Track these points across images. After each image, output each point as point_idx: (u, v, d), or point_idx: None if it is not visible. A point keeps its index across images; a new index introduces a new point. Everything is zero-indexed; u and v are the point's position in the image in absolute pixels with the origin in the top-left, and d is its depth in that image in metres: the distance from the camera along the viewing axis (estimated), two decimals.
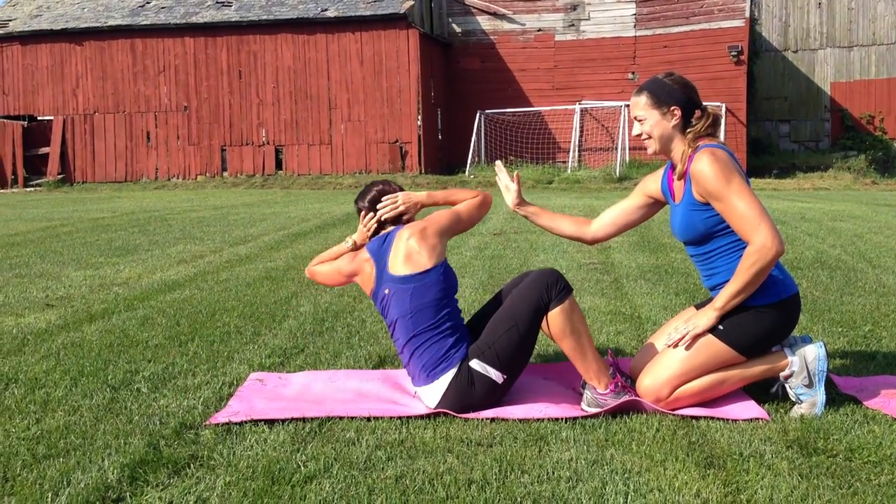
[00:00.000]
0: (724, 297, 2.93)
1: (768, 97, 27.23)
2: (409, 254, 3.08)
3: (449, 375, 2.95)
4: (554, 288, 2.96)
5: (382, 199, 3.30)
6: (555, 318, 2.95)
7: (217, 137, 22.81)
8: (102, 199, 17.32)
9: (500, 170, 3.47)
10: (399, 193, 3.32)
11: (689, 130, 3.03)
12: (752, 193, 2.91)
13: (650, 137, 3.07)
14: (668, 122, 3.03)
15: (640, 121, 3.08)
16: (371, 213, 3.31)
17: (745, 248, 2.98)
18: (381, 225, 3.30)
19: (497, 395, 2.97)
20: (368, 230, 3.32)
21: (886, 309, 4.62)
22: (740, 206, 2.87)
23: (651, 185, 3.26)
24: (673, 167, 3.12)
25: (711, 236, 3.01)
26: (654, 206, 3.29)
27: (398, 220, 3.29)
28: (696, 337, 2.96)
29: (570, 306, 2.95)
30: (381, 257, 3.13)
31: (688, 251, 3.18)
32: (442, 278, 3.06)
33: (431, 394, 2.96)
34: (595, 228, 3.38)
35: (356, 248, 3.38)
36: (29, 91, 23.52)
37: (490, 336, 2.97)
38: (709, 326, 2.95)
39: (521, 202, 3.42)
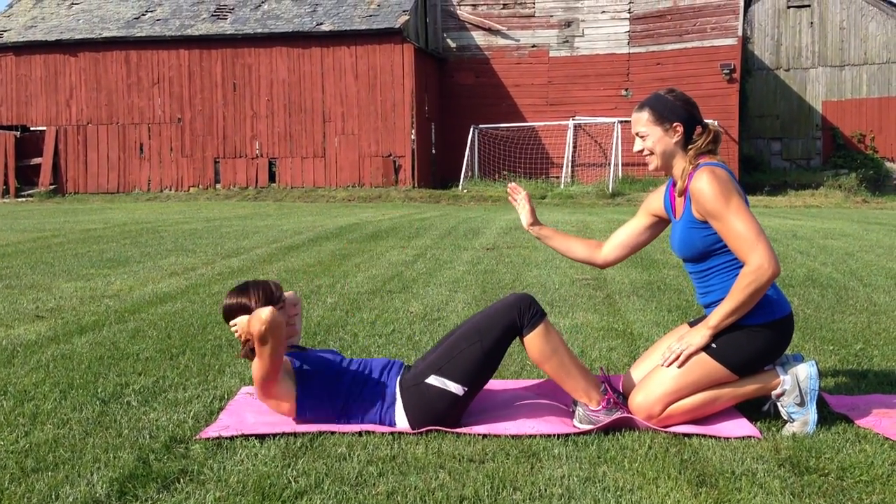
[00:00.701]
0: (718, 316, 2.94)
1: (760, 115, 27.39)
2: (270, 412, 3.03)
3: (399, 409, 2.95)
4: (527, 313, 2.96)
5: (230, 320, 2.97)
6: (531, 342, 2.96)
7: (210, 149, 22.81)
8: (94, 211, 17.28)
9: (516, 191, 3.42)
10: (239, 319, 2.92)
11: (690, 147, 3.04)
12: (751, 214, 2.92)
13: (652, 154, 3.07)
14: (670, 139, 3.04)
15: (641, 137, 3.08)
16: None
17: (738, 270, 2.99)
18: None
19: (460, 408, 2.95)
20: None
21: (878, 328, 4.63)
22: (738, 226, 2.88)
23: (655, 202, 3.27)
24: (674, 183, 3.13)
25: (710, 254, 3.02)
26: (661, 224, 3.29)
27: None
28: (690, 356, 2.96)
29: (544, 330, 2.95)
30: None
31: (685, 267, 3.19)
32: (314, 391, 2.96)
33: (402, 423, 2.96)
34: (606, 252, 3.38)
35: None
36: (22, 101, 23.49)
37: (451, 350, 2.97)
38: (702, 345, 2.95)
39: (535, 222, 3.39)
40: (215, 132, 22.77)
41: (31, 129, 23.64)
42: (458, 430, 2.90)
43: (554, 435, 2.84)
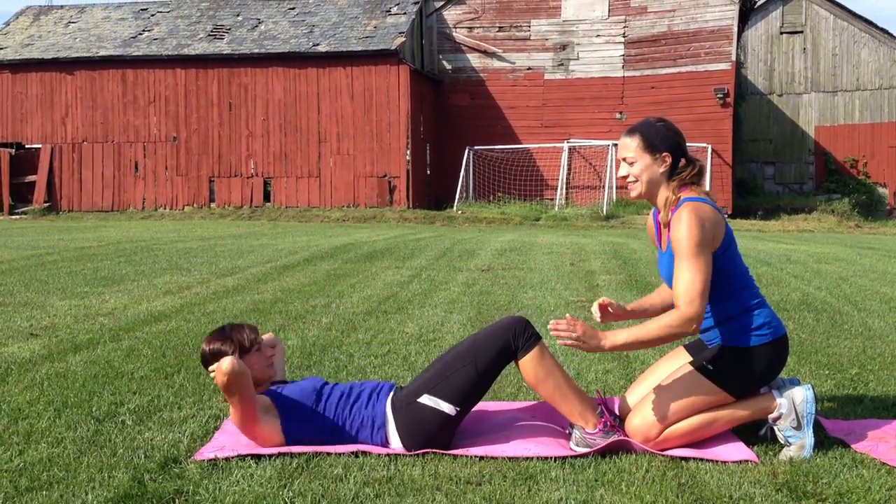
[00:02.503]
0: (624, 338, 2.86)
1: (753, 139, 27.58)
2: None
3: (392, 428, 2.95)
4: (522, 336, 2.97)
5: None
6: (525, 365, 2.96)
7: (205, 168, 22.83)
8: (88, 228, 17.24)
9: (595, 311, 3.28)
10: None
11: (674, 178, 3.05)
12: (708, 269, 2.87)
13: (637, 181, 3.08)
14: (657, 168, 3.05)
15: (629, 163, 3.08)
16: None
17: (731, 296, 3.00)
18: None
19: (451, 429, 2.95)
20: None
21: (873, 352, 4.64)
22: (691, 275, 2.85)
23: (652, 232, 3.26)
24: (658, 212, 3.14)
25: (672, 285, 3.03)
26: None
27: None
28: (576, 339, 2.84)
29: (539, 353, 2.96)
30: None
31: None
32: (293, 428, 2.97)
33: (395, 444, 2.95)
34: (664, 294, 3.31)
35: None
36: (18, 119, 23.50)
37: (444, 370, 2.97)
38: (593, 348, 2.84)
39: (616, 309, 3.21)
40: (211, 151, 22.80)
41: (27, 146, 23.64)
42: (455, 451, 2.89)
43: (551, 457, 2.84)
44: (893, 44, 26.89)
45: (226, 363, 2.80)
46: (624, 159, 3.09)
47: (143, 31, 23.94)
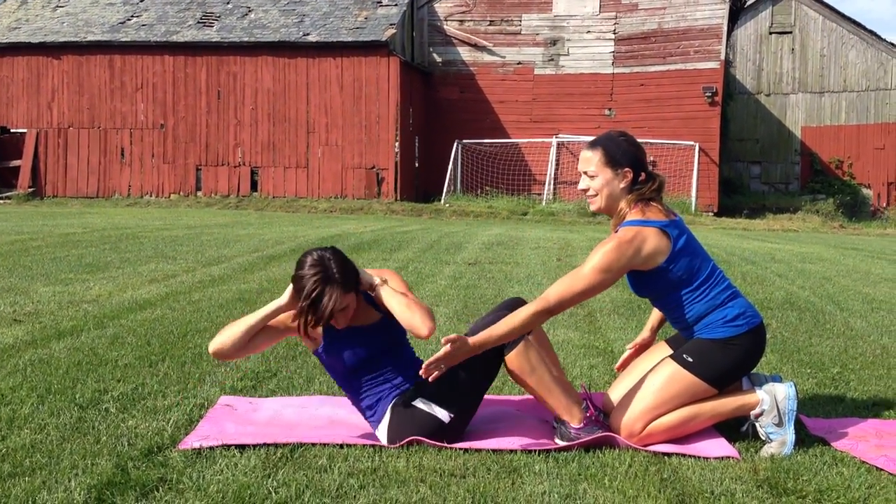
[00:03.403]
0: (484, 337, 2.86)
1: (741, 138, 27.69)
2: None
3: (385, 419, 2.96)
4: None
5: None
6: (511, 360, 2.97)
7: (193, 156, 22.70)
8: (73, 214, 17.13)
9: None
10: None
11: (633, 192, 3.05)
12: (596, 288, 2.93)
13: (597, 195, 3.08)
14: (618, 183, 3.05)
15: (590, 177, 3.08)
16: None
17: (698, 298, 3.01)
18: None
19: (446, 436, 2.92)
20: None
21: (854, 352, 4.68)
22: (578, 282, 2.90)
23: None
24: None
25: (660, 294, 3.06)
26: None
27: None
28: (448, 358, 2.82)
29: (524, 348, 2.96)
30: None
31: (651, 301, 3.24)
32: (384, 331, 3.03)
33: (382, 434, 2.96)
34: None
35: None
36: (3, 103, 23.27)
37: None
38: (463, 351, 2.83)
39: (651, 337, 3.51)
40: (198, 139, 22.67)
41: (12, 130, 23.43)
42: (440, 444, 2.90)
43: (535, 451, 2.85)
44: (881, 46, 27.05)
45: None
46: (585, 173, 3.09)
47: (132, 16, 23.75)
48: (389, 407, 2.98)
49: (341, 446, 2.86)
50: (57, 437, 2.87)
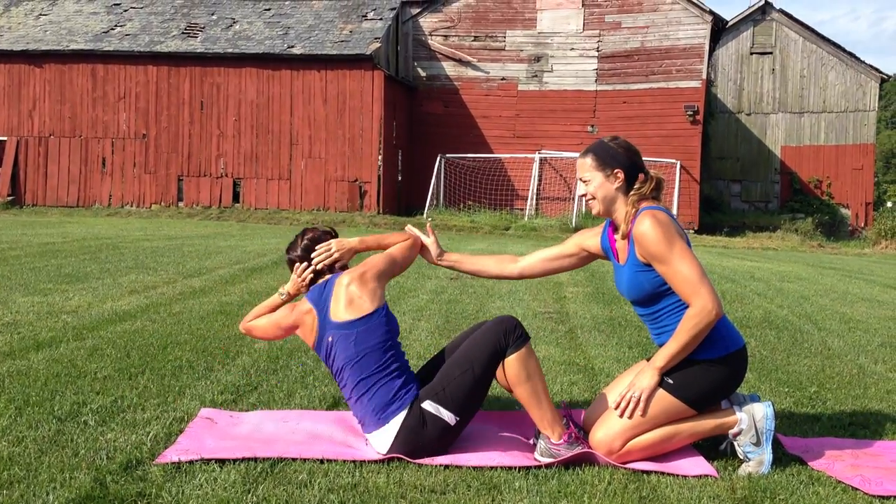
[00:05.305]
0: (664, 357, 3.00)
1: (721, 157, 27.95)
2: (350, 299, 3.09)
3: (400, 417, 2.95)
4: (512, 334, 3.00)
5: (315, 247, 3.29)
6: (511, 364, 2.98)
7: (174, 167, 22.61)
8: (53, 224, 17.00)
9: (411, 229, 3.51)
10: (332, 241, 3.32)
11: (632, 193, 3.11)
12: (693, 257, 3.00)
13: (594, 198, 3.15)
14: (611, 185, 3.12)
15: (585, 182, 3.18)
16: (305, 264, 3.31)
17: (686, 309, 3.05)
18: (317, 274, 3.30)
19: (449, 438, 2.97)
20: (304, 280, 3.32)
21: (831, 371, 4.73)
22: (682, 269, 2.95)
23: (589, 240, 3.35)
24: (614, 227, 3.20)
25: (659, 296, 3.08)
26: (586, 258, 3.40)
27: (332, 268, 3.30)
28: (643, 399, 3.00)
29: (526, 353, 2.99)
30: (322, 306, 3.13)
31: (636, 310, 3.24)
32: (384, 321, 3.09)
33: (383, 437, 2.95)
34: (523, 265, 3.46)
35: (290, 298, 3.38)
36: None
37: (444, 378, 2.99)
38: (653, 386, 3.00)
39: (441, 253, 3.46)
40: (180, 150, 22.59)
41: None
42: (420, 460, 2.90)
43: (515, 468, 2.86)
44: (860, 67, 27.43)
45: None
46: (581, 179, 3.18)
47: (116, 26, 23.68)
48: (405, 413, 2.96)
49: (322, 461, 2.85)
50: (35, 450, 2.85)
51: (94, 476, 2.61)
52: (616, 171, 3.10)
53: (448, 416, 2.94)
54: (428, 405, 2.96)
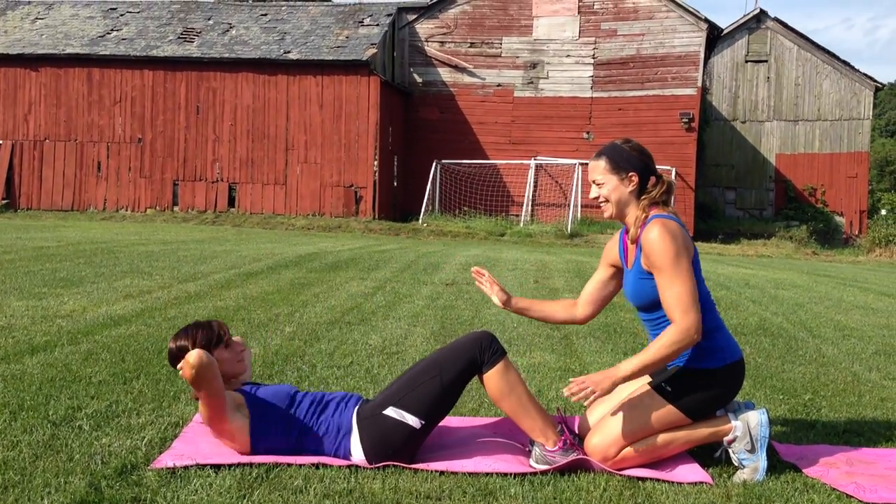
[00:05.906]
0: (635, 366, 2.94)
1: (716, 164, 28.03)
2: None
3: (355, 439, 2.95)
4: (488, 350, 3.01)
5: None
6: (490, 379, 2.99)
7: (170, 171, 22.60)
8: (47, 228, 16.96)
9: (480, 273, 3.39)
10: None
11: (644, 196, 3.12)
12: (692, 278, 2.97)
13: (607, 201, 3.15)
14: (625, 188, 3.12)
15: (598, 185, 3.16)
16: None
17: None
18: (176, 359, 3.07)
19: (416, 442, 2.96)
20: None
21: (826, 379, 4.74)
22: (678, 287, 2.94)
23: (611, 252, 3.32)
24: (627, 231, 3.20)
25: (658, 304, 3.08)
26: (622, 272, 3.31)
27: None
28: (594, 397, 2.89)
29: (504, 367, 2.99)
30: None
31: (639, 315, 3.25)
32: (262, 432, 2.97)
33: (355, 453, 2.96)
34: (580, 310, 3.40)
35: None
36: None
37: (410, 383, 2.99)
38: (605, 391, 2.90)
39: (508, 299, 3.37)
40: (176, 154, 22.58)
41: None
42: (416, 466, 2.90)
43: (510, 474, 2.86)
44: (854, 76, 27.55)
45: (192, 356, 2.80)
46: (594, 182, 3.17)
47: (112, 30, 23.68)
48: (354, 417, 2.98)
49: (317, 466, 2.85)
50: (30, 455, 2.84)
51: (88, 481, 2.61)
52: (631, 174, 3.10)
53: (413, 421, 2.94)
54: (391, 411, 2.95)
